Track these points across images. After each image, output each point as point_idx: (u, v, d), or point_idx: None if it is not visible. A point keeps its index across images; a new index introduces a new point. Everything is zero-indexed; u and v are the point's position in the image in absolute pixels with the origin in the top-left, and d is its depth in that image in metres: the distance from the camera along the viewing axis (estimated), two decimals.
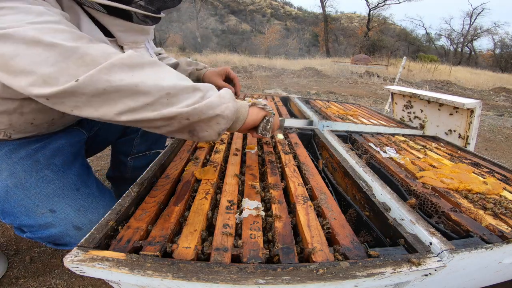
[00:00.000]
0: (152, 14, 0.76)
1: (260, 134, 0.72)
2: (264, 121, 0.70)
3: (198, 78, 1.14)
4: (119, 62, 0.48)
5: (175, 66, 1.17)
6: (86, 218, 0.70)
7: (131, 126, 0.87)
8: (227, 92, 0.60)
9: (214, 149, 0.90)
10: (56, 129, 0.82)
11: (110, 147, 1.22)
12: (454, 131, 1.53)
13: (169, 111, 0.51)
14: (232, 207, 0.59)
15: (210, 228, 0.55)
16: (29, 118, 0.69)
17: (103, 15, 0.69)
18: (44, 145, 0.76)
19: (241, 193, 0.67)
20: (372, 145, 1.09)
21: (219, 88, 1.11)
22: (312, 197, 0.68)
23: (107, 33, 0.73)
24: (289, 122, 1.31)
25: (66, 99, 0.47)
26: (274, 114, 0.74)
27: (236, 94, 1.13)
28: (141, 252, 0.45)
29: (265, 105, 0.71)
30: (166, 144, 1.33)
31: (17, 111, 0.66)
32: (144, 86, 0.49)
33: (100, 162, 1.81)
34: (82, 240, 0.44)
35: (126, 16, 0.72)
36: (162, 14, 0.82)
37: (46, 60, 0.45)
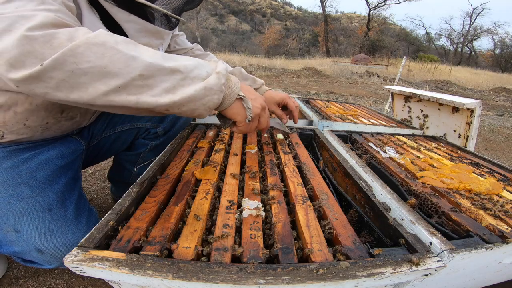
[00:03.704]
0: (172, 14, 0.74)
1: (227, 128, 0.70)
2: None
3: None
4: (85, 42, 0.45)
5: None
6: (50, 243, 0.68)
7: (138, 139, 0.84)
8: (220, 77, 0.56)
9: (214, 149, 0.90)
10: (52, 135, 0.79)
11: None
12: (454, 131, 1.53)
13: (145, 101, 0.48)
14: (232, 207, 0.59)
15: (210, 228, 0.55)
16: (22, 118, 0.68)
17: (117, 9, 0.66)
18: (32, 156, 0.73)
19: (241, 193, 0.67)
20: (372, 145, 1.09)
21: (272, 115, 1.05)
22: (313, 197, 0.68)
23: (119, 32, 0.70)
24: (289, 122, 1.31)
25: (34, 85, 0.45)
26: (251, 117, 0.68)
27: (294, 122, 1.07)
28: (141, 252, 0.45)
29: (249, 107, 0.66)
30: None
31: (11, 108, 0.66)
32: (113, 67, 0.46)
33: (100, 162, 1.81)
34: (82, 240, 0.44)
35: (143, 13, 0.69)
36: (181, 18, 0.79)
37: (13, 44, 0.43)
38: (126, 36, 0.72)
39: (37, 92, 0.45)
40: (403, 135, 1.30)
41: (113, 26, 0.69)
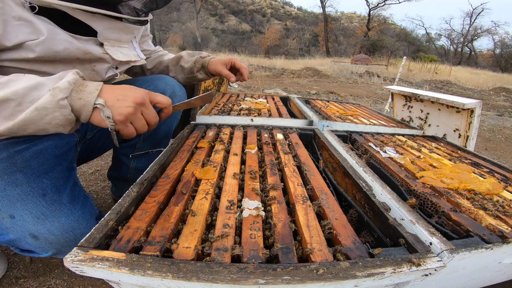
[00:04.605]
0: (127, 17, 0.78)
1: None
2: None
3: (203, 65, 1.15)
4: None
5: (178, 59, 1.18)
6: (44, 227, 0.68)
7: None
8: (52, 95, 0.56)
9: (214, 149, 0.90)
10: None
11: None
12: (454, 131, 1.53)
13: None
14: (232, 207, 0.59)
15: (210, 228, 0.55)
16: None
17: (80, 14, 0.70)
18: (28, 147, 0.74)
19: (241, 193, 0.67)
20: (372, 145, 1.09)
21: (223, 76, 1.14)
22: (313, 197, 0.68)
23: (87, 30, 0.73)
24: (289, 122, 1.31)
25: None
26: (113, 130, 0.64)
27: (244, 80, 1.15)
28: (141, 252, 0.45)
29: (108, 116, 0.61)
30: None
31: None
32: None
33: (100, 162, 1.81)
34: (82, 240, 0.44)
35: (110, 9, 0.73)
36: (147, 17, 0.84)
37: None
38: (95, 32, 0.76)
39: None
40: (403, 135, 1.30)
41: (78, 25, 0.72)
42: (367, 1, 28.16)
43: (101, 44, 0.79)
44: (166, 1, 0.86)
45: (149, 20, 0.92)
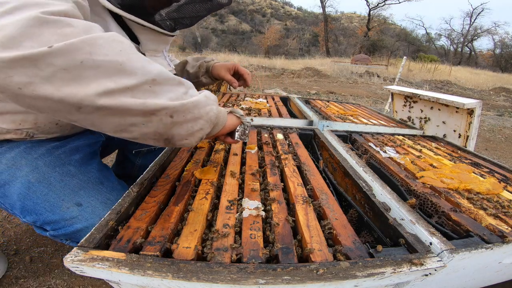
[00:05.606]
0: (168, 32, 0.82)
1: (238, 139, 0.72)
2: (243, 126, 0.72)
3: (207, 69, 1.17)
4: (105, 36, 0.42)
5: (183, 64, 1.20)
6: None
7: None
8: (210, 93, 0.59)
9: (214, 149, 0.90)
10: (77, 131, 0.82)
11: None
12: (454, 131, 1.53)
13: (154, 102, 0.44)
14: (232, 207, 0.59)
15: (210, 228, 0.55)
16: (55, 118, 0.69)
17: (135, 25, 0.74)
18: (62, 144, 0.75)
19: (241, 193, 0.67)
20: (372, 145, 1.09)
21: (226, 81, 1.15)
22: (313, 197, 0.68)
23: (132, 39, 0.77)
24: (289, 122, 1.31)
25: (19, 70, 0.37)
26: (250, 123, 0.74)
27: (246, 85, 1.18)
28: (141, 252, 0.45)
29: (242, 115, 0.71)
30: None
31: None
32: (130, 65, 0.43)
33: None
34: (82, 240, 0.44)
35: (157, 25, 0.77)
36: (176, 33, 0.87)
37: (18, 22, 0.37)
38: (138, 42, 0.80)
39: (15, 80, 0.37)
40: (403, 135, 1.30)
41: (127, 31, 0.75)
42: (367, 1, 28.17)
43: (143, 54, 0.81)
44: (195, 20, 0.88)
45: None
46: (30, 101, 0.39)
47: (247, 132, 0.73)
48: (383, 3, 28.37)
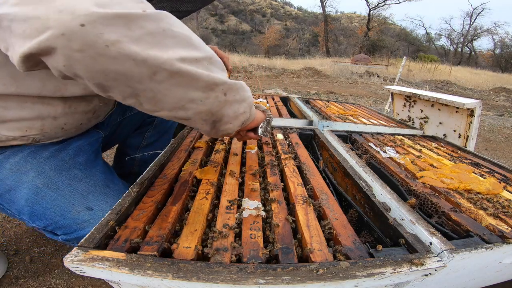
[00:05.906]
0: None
1: (261, 135, 0.73)
2: (265, 122, 0.72)
3: None
4: (174, 17, 0.48)
5: None
6: None
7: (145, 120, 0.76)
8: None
9: (215, 149, 0.90)
10: (80, 132, 0.82)
11: None
12: (454, 131, 1.53)
13: (216, 75, 0.49)
14: (232, 207, 0.59)
15: (210, 228, 0.55)
16: (61, 122, 0.68)
17: None
18: (64, 146, 0.74)
19: (241, 193, 0.67)
20: (372, 145, 1.09)
21: None
22: (313, 197, 0.68)
23: None
24: (289, 122, 1.31)
25: (111, 28, 0.38)
26: (272, 119, 0.75)
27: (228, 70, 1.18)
28: (138, 252, 0.44)
29: (265, 109, 0.72)
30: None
31: (50, 115, 0.65)
32: (196, 41, 0.49)
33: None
34: (82, 240, 0.44)
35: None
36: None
37: None
38: None
39: (105, 37, 0.37)
40: (403, 135, 1.30)
41: None
42: (367, 1, 28.17)
43: None
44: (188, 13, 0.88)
45: None
46: (108, 62, 0.40)
47: (269, 128, 0.73)
48: (383, 3, 28.38)
